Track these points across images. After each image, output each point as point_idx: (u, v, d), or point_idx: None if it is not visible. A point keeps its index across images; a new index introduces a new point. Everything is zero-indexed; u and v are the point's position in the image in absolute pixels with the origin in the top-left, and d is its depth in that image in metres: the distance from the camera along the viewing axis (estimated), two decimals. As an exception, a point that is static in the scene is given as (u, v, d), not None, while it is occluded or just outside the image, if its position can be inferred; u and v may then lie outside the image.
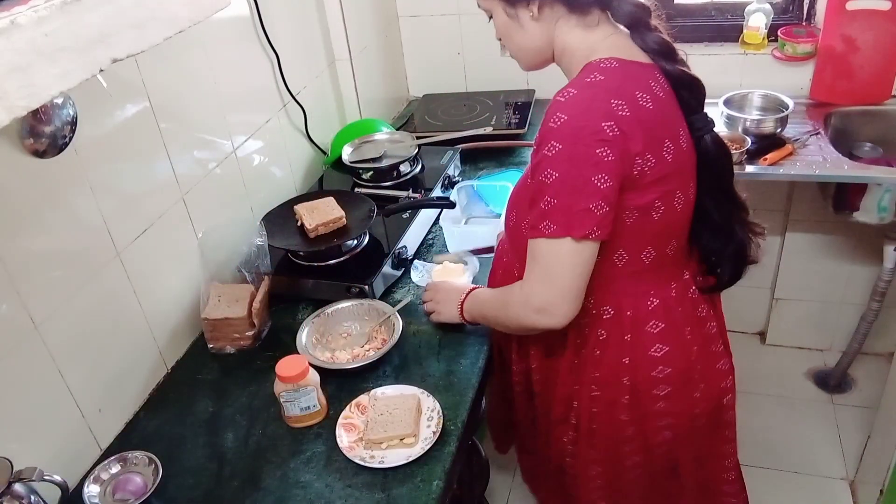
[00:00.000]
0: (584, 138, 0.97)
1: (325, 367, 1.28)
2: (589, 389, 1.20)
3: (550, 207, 1.00)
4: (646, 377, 1.17)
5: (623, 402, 1.19)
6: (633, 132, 0.99)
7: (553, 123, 0.99)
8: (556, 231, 1.00)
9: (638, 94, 1.01)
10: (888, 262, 2.06)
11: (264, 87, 1.69)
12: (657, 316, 1.14)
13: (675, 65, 1.08)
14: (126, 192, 1.25)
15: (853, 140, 2.11)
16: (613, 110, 0.98)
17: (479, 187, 1.76)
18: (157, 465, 1.12)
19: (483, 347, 1.34)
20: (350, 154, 1.81)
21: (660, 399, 1.19)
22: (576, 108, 0.98)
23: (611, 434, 1.23)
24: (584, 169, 0.97)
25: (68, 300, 1.14)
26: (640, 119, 1.00)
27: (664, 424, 1.22)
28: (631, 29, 1.09)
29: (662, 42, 1.08)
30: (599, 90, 1.00)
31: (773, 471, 2.14)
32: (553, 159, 0.99)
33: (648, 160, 1.02)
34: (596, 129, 0.97)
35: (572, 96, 1.00)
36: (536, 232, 1.02)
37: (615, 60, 1.04)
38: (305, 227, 1.50)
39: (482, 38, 2.30)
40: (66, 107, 1.08)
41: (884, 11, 1.93)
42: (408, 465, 1.11)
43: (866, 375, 2.40)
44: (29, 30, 0.62)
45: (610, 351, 1.16)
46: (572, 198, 0.99)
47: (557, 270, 1.03)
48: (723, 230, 1.18)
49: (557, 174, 0.99)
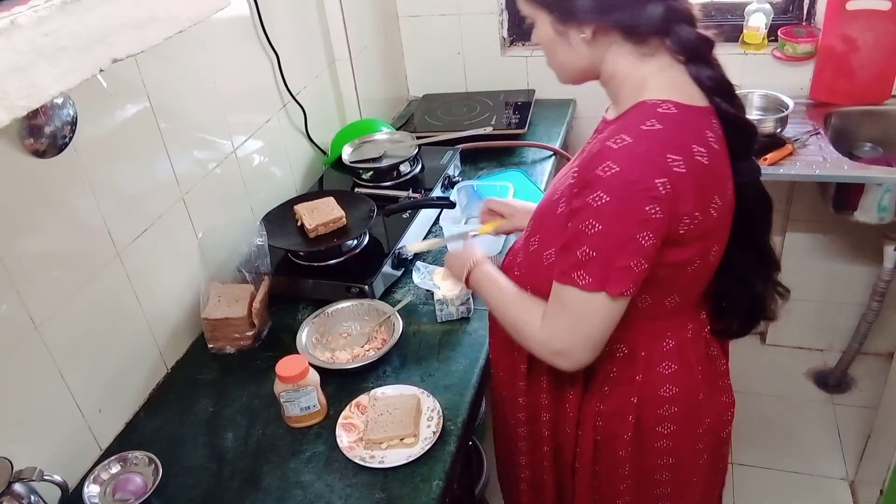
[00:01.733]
0: (635, 194, 0.90)
1: (325, 367, 1.28)
2: (594, 420, 1.16)
3: (588, 259, 0.94)
4: (652, 414, 1.13)
5: (625, 438, 1.15)
6: (685, 191, 0.93)
7: (602, 172, 0.91)
8: (590, 284, 0.94)
9: (695, 149, 0.94)
10: (888, 262, 2.07)
11: (264, 87, 1.69)
12: (671, 357, 1.11)
13: (731, 106, 1.00)
14: (126, 192, 1.25)
15: (853, 140, 2.11)
16: (669, 167, 0.91)
17: (479, 187, 1.76)
18: (157, 465, 1.12)
19: (483, 347, 1.34)
20: (350, 154, 1.81)
21: (663, 437, 1.15)
22: (630, 161, 0.91)
23: (607, 471, 1.19)
24: (631, 226, 0.92)
25: (68, 300, 1.14)
26: (694, 176, 0.93)
27: (664, 464, 1.19)
28: (689, 61, 0.99)
29: (722, 80, 1.00)
30: (656, 142, 0.92)
31: (773, 471, 2.15)
32: (598, 210, 0.92)
33: (696, 218, 0.95)
34: (649, 186, 0.90)
35: (626, 145, 0.91)
36: (569, 280, 0.96)
37: (672, 105, 0.95)
38: (305, 227, 1.50)
39: (482, 38, 2.32)
40: (66, 107, 1.08)
41: (884, 11, 1.93)
42: (408, 465, 1.11)
43: (866, 375, 2.40)
44: (29, 30, 0.62)
45: (619, 388, 1.12)
46: (613, 253, 0.93)
47: (585, 322, 0.98)
48: (742, 281, 1.11)
49: (601, 227, 0.92)
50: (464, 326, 1.39)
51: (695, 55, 0.99)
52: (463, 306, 1.40)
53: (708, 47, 1.00)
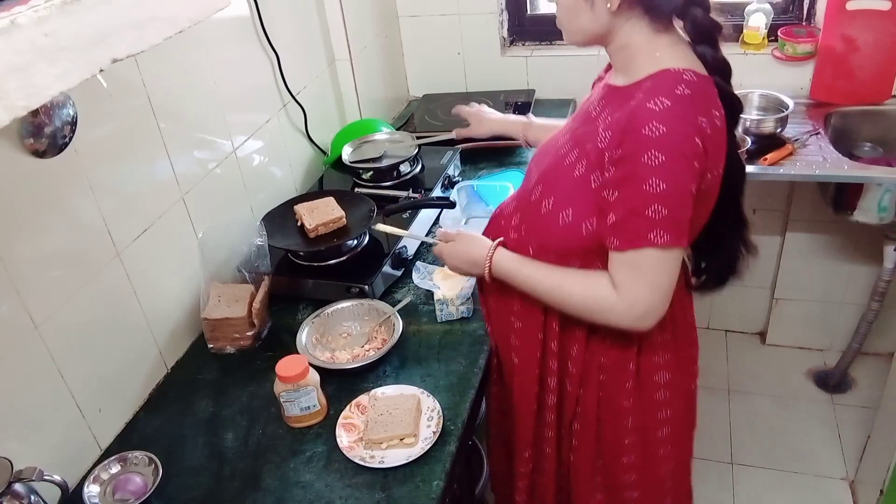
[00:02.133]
0: (684, 151, 0.99)
1: (325, 367, 1.28)
2: (596, 376, 1.24)
3: (660, 217, 1.00)
4: (648, 362, 1.22)
5: (626, 387, 1.22)
6: (710, 149, 1.02)
7: (650, 132, 0.98)
8: (668, 241, 1.01)
9: (714, 113, 1.04)
10: (888, 262, 2.07)
11: (264, 87, 1.69)
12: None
13: (728, 85, 1.09)
14: (126, 192, 1.25)
15: (853, 140, 2.11)
16: (701, 127, 1.00)
17: (479, 187, 1.76)
18: (157, 465, 1.12)
19: (483, 347, 1.34)
20: (350, 154, 1.81)
21: (661, 387, 1.24)
22: (674, 121, 0.99)
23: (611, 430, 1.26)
24: (685, 180, 1.00)
25: (68, 300, 1.14)
26: (714, 137, 1.03)
27: (663, 417, 1.27)
28: (698, 42, 1.08)
29: (724, 61, 1.09)
30: (689, 105, 1.00)
31: (773, 471, 2.15)
32: (657, 170, 0.99)
33: (713, 174, 1.06)
34: (692, 143, 0.99)
35: (667, 108, 0.99)
36: (645, 242, 1.02)
37: (693, 74, 1.03)
38: (305, 227, 1.50)
39: (482, 38, 2.32)
40: (66, 107, 1.08)
41: (884, 11, 1.93)
42: (408, 465, 1.11)
43: (866, 375, 2.40)
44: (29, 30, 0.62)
45: (620, 339, 1.20)
46: (679, 209, 1.01)
47: (663, 278, 1.06)
48: (719, 240, 1.21)
49: (665, 185, 0.99)
50: (464, 326, 1.39)
51: (704, 37, 1.07)
52: (463, 306, 1.40)
53: (717, 31, 1.08)
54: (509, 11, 2.33)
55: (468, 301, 1.40)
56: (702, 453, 2.20)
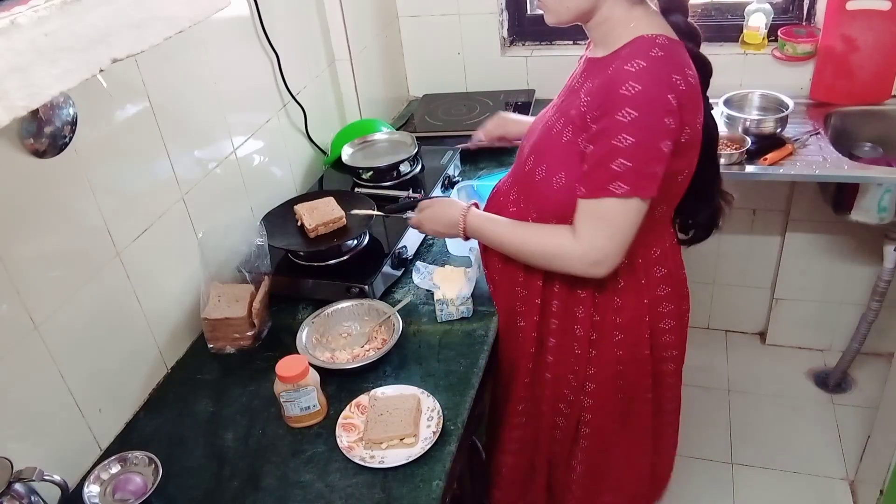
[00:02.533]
0: (657, 107, 1.06)
1: (325, 367, 1.28)
2: (611, 336, 1.32)
3: (625, 169, 1.08)
4: (655, 313, 1.32)
5: (645, 337, 1.32)
6: (686, 104, 1.10)
7: (626, 91, 1.06)
8: (627, 191, 1.09)
9: (687, 71, 1.11)
10: (888, 262, 2.07)
11: (264, 87, 1.69)
12: (660, 262, 1.30)
13: (697, 48, 1.18)
14: (126, 192, 1.25)
15: (853, 140, 2.11)
16: (675, 84, 1.08)
17: (479, 187, 1.76)
18: (157, 465, 1.12)
19: (483, 347, 1.34)
20: (350, 154, 1.81)
21: (666, 332, 1.35)
22: (648, 80, 1.06)
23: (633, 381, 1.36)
24: (657, 136, 1.07)
25: (68, 300, 1.14)
26: (689, 93, 1.10)
27: (668, 356, 1.39)
28: (668, 11, 1.16)
29: (692, 26, 1.18)
30: (664, 65, 1.08)
31: (773, 471, 2.15)
32: (629, 125, 1.06)
33: (687, 131, 1.13)
34: (665, 101, 1.06)
35: (643, 68, 1.06)
36: (605, 192, 1.10)
37: (665, 38, 1.11)
38: (305, 227, 1.50)
39: (482, 38, 2.32)
40: (66, 107, 1.08)
41: (884, 11, 1.93)
42: (408, 465, 1.11)
43: (866, 375, 2.40)
44: (29, 30, 0.62)
45: (630, 296, 1.29)
46: (644, 162, 1.08)
47: (622, 227, 1.13)
48: (704, 195, 1.31)
49: (633, 140, 1.06)
50: (464, 326, 1.39)
51: (675, 6, 1.16)
52: (463, 306, 1.40)
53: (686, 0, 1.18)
54: (509, 11, 2.33)
55: (468, 301, 1.40)
56: (702, 453, 2.20)
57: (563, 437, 1.47)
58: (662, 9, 1.17)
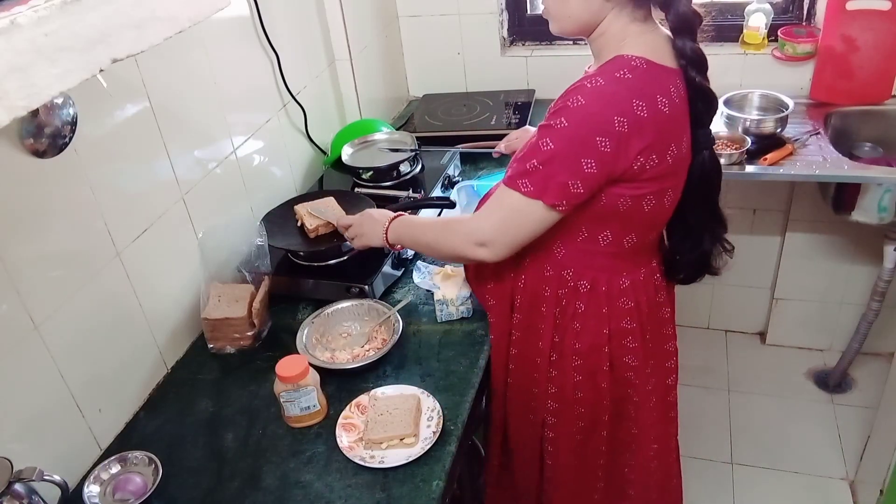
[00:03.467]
0: (591, 125, 1.04)
1: (325, 367, 1.28)
2: (571, 360, 1.28)
3: (534, 170, 1.08)
4: (618, 345, 1.27)
5: (604, 369, 1.28)
6: (643, 131, 1.05)
7: (570, 103, 1.05)
8: (531, 192, 1.09)
9: (659, 98, 1.07)
10: (888, 262, 2.07)
11: (264, 87, 1.69)
12: (627, 294, 1.25)
13: (702, 77, 1.12)
14: (126, 192, 1.25)
15: (853, 140, 2.11)
16: (632, 109, 1.04)
17: (479, 187, 1.76)
18: (157, 465, 1.12)
19: (483, 347, 1.34)
20: (350, 154, 1.81)
21: (630, 369, 1.30)
22: (596, 98, 1.05)
23: (592, 400, 1.31)
24: (578, 149, 1.06)
25: (68, 300, 1.14)
26: (655, 121, 1.06)
27: (631, 394, 1.33)
28: (678, 34, 1.10)
29: (700, 53, 1.11)
30: (624, 88, 1.05)
31: (773, 471, 2.15)
32: (555, 132, 1.06)
33: (652, 159, 1.08)
34: (606, 120, 1.04)
35: (599, 86, 1.05)
36: (513, 185, 1.11)
37: (644, 61, 1.07)
38: (306, 228, 1.50)
39: (482, 38, 2.32)
40: (66, 107, 1.08)
41: (884, 11, 1.93)
42: (408, 465, 1.11)
43: (866, 375, 2.40)
44: (29, 30, 0.62)
45: (590, 322, 1.25)
46: (556, 169, 1.07)
47: (516, 224, 1.13)
48: (693, 236, 1.26)
49: (553, 146, 1.06)
50: (464, 326, 1.39)
51: (685, 27, 1.10)
52: (463, 306, 1.40)
53: (698, 22, 1.11)
54: (509, 11, 2.33)
55: (468, 301, 1.40)
56: (702, 453, 2.20)
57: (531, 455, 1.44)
58: (672, 28, 1.11)
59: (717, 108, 1.16)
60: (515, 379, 1.37)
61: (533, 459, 1.45)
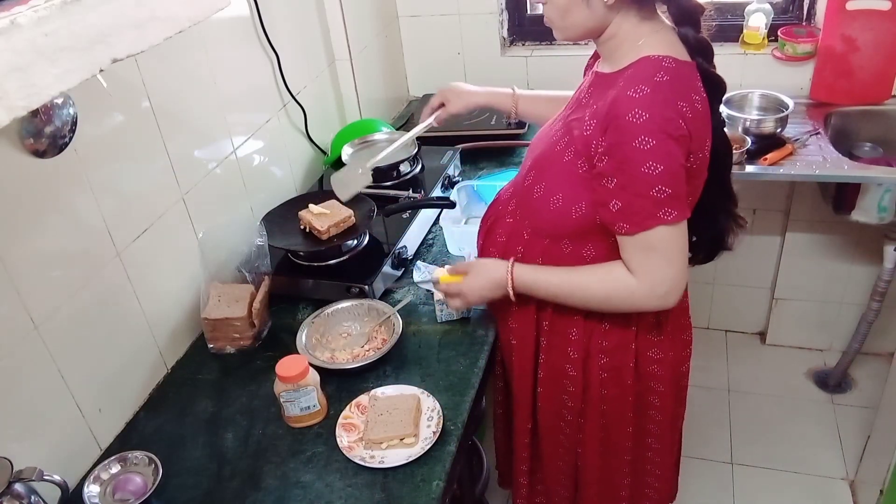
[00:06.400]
0: (671, 132, 1.04)
1: (325, 367, 1.28)
2: (598, 359, 1.28)
3: (665, 196, 1.06)
4: (644, 340, 1.27)
5: (630, 366, 1.28)
6: (694, 131, 1.07)
7: (633, 118, 1.04)
8: (676, 217, 1.07)
9: (694, 97, 1.08)
10: (888, 262, 2.07)
11: (264, 87, 1.69)
12: None
13: (710, 65, 1.14)
14: (126, 192, 1.25)
15: (853, 140, 2.11)
16: (682, 111, 1.06)
17: (479, 187, 1.76)
18: (157, 465, 1.12)
19: (483, 347, 1.34)
20: (350, 154, 1.81)
21: (654, 362, 1.29)
22: (654, 107, 1.04)
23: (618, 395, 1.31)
24: (675, 158, 1.06)
25: (68, 300, 1.14)
26: (696, 120, 1.08)
27: (655, 388, 1.32)
28: (681, 25, 1.13)
29: (706, 42, 1.14)
30: (669, 91, 1.06)
31: (773, 471, 2.15)
32: (651, 153, 1.04)
33: (697, 156, 1.11)
34: (676, 127, 1.05)
35: (647, 94, 1.04)
36: (655, 221, 1.07)
37: (672, 60, 1.08)
38: (317, 231, 1.47)
39: (482, 38, 2.32)
40: (66, 107, 1.08)
41: (884, 11, 1.93)
42: (408, 465, 1.11)
43: (866, 375, 2.40)
44: (29, 30, 0.62)
45: (618, 319, 1.24)
46: (678, 186, 1.07)
47: (679, 251, 1.12)
48: (708, 215, 1.26)
49: (663, 166, 1.04)
50: (464, 326, 1.39)
51: (687, 18, 1.12)
52: (463, 306, 1.40)
53: (700, 12, 1.13)
54: (509, 11, 2.33)
55: (468, 301, 1.40)
56: (702, 453, 2.20)
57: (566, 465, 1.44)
58: (675, 20, 1.13)
59: (725, 91, 1.17)
60: (546, 388, 1.35)
61: (568, 468, 1.43)
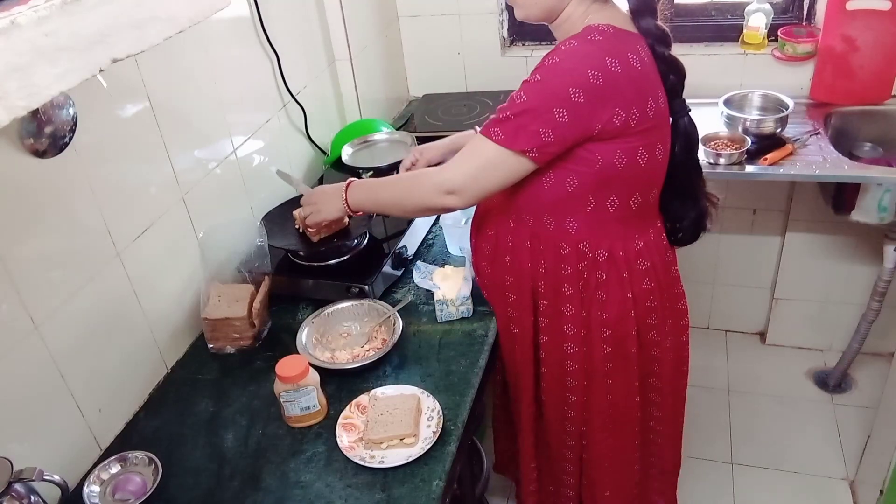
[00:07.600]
0: (563, 77, 1.10)
1: (325, 367, 1.28)
2: (599, 333, 1.31)
3: (506, 119, 1.13)
4: (642, 307, 1.31)
5: (633, 334, 1.32)
6: (619, 86, 1.11)
7: (546, 61, 1.12)
8: (502, 140, 1.14)
9: (630, 56, 1.13)
10: (888, 262, 2.06)
11: (264, 87, 1.69)
12: (642, 255, 1.30)
13: (667, 50, 1.20)
14: (126, 192, 1.25)
15: (853, 140, 2.10)
16: (605, 65, 1.10)
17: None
18: (157, 465, 1.13)
19: (483, 347, 1.34)
20: (350, 154, 1.81)
21: (653, 328, 1.34)
22: (569, 56, 1.11)
23: (623, 367, 1.34)
24: (550, 100, 1.10)
25: (68, 300, 1.14)
26: (629, 77, 1.12)
27: (655, 355, 1.37)
28: (636, 13, 1.18)
29: (662, 29, 1.19)
30: (596, 48, 1.11)
31: (773, 471, 2.15)
32: (529, 85, 1.13)
33: (633, 114, 1.14)
34: (579, 73, 1.09)
35: (572, 47, 1.12)
36: (486, 133, 1.15)
37: (611, 27, 1.14)
38: (308, 232, 1.48)
39: (482, 38, 2.32)
40: (66, 107, 1.08)
41: (884, 11, 1.93)
42: (408, 465, 1.11)
43: (866, 375, 2.40)
44: (29, 30, 0.62)
45: (614, 290, 1.29)
46: (527, 119, 1.11)
47: (485, 170, 1.17)
48: (689, 197, 1.33)
49: (526, 98, 1.12)
50: (464, 326, 1.39)
51: (645, 8, 1.18)
52: (463, 306, 1.40)
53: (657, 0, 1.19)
54: (509, 11, 2.33)
55: (468, 301, 1.40)
56: (702, 453, 2.20)
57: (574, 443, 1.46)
58: (633, 11, 1.19)
59: (685, 75, 1.22)
60: (549, 368, 1.39)
61: (575, 449, 1.47)
